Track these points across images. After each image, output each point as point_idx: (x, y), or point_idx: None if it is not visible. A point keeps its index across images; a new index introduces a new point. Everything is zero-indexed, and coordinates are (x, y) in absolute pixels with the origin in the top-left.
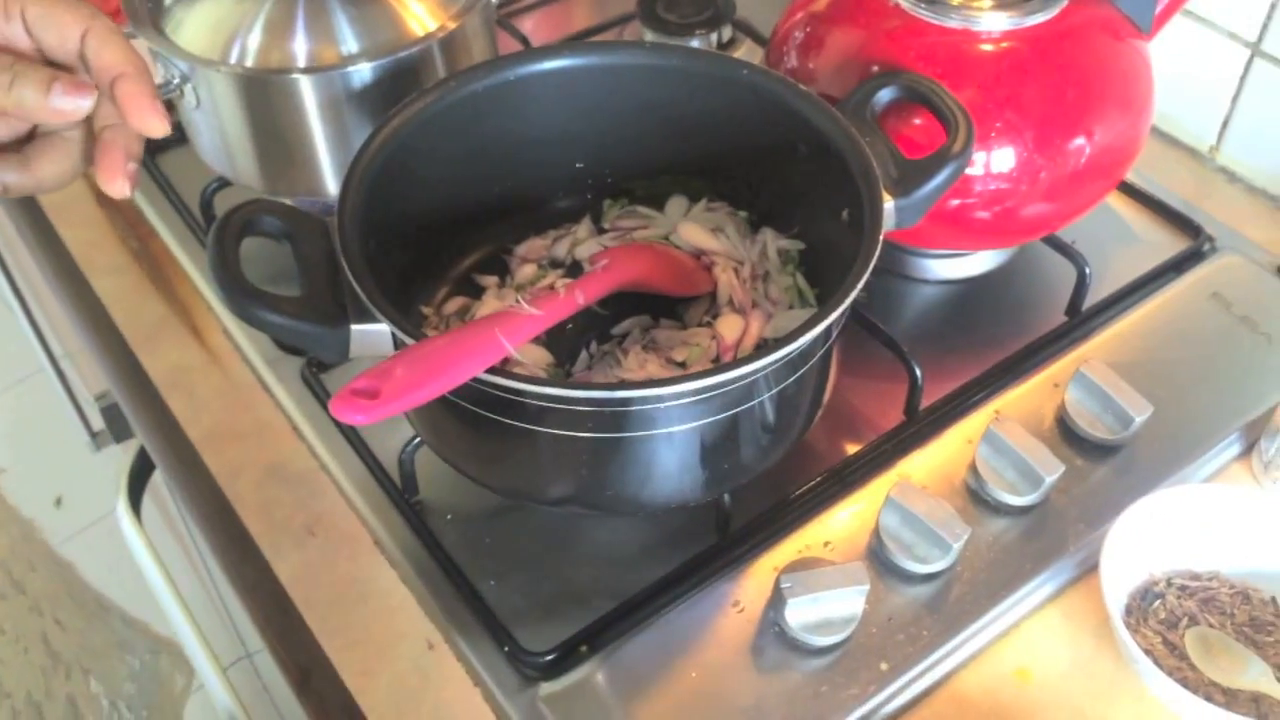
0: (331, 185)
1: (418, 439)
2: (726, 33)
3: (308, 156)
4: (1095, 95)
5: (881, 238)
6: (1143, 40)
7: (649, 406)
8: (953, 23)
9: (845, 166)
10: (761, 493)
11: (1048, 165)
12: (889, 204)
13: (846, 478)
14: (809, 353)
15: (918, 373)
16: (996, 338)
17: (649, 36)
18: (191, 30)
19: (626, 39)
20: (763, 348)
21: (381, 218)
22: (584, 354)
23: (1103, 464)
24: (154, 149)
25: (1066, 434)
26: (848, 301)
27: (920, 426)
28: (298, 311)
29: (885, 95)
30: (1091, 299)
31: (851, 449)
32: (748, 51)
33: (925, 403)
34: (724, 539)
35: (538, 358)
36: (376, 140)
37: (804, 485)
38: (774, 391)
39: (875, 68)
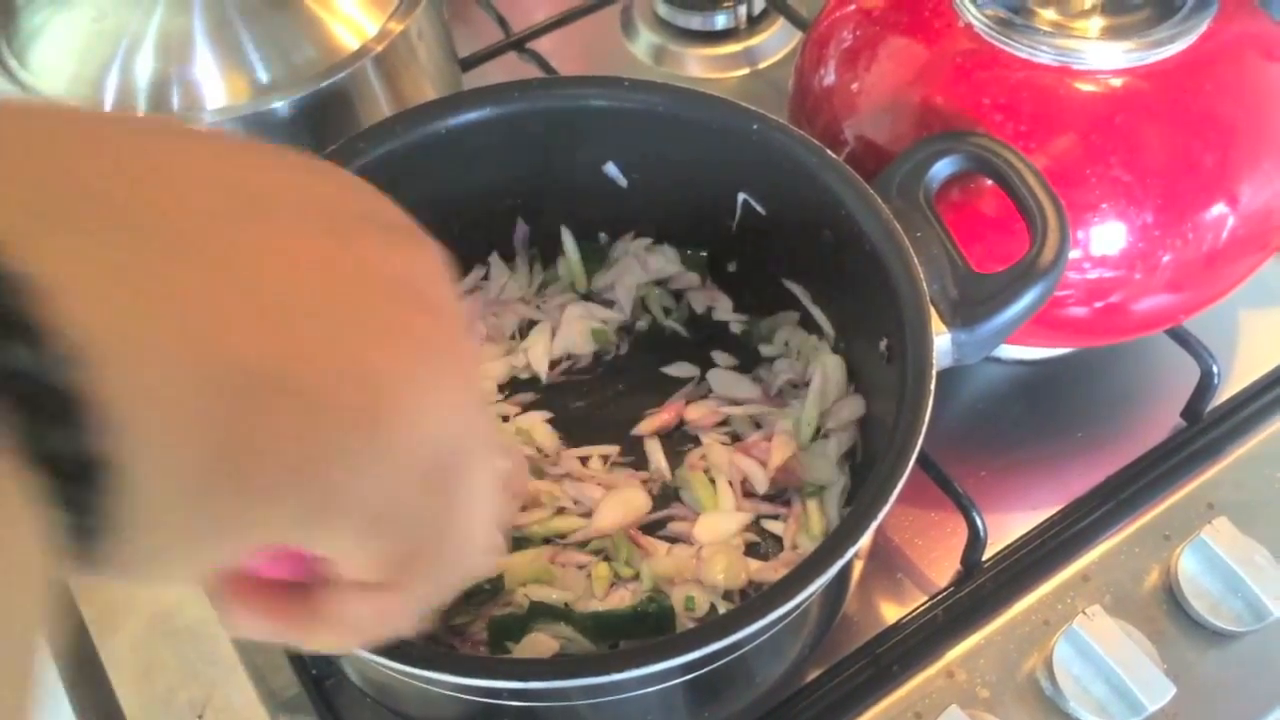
0: None
1: None
2: (758, 5)
3: None
4: (1244, 143)
5: (929, 406)
6: None
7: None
8: (1044, 57)
9: (885, 274)
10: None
11: (1173, 245)
12: (943, 337)
13: (882, 660)
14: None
15: (980, 525)
16: (1086, 446)
17: (662, 9)
18: (51, 48)
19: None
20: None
21: None
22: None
23: (1218, 651)
24: None
25: (1174, 610)
26: (875, 524)
27: (981, 584)
28: None
29: (945, 166)
30: (1218, 396)
31: (891, 614)
32: (782, 32)
33: (989, 550)
34: None
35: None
36: None
37: (828, 669)
38: (773, 631)
39: (938, 102)
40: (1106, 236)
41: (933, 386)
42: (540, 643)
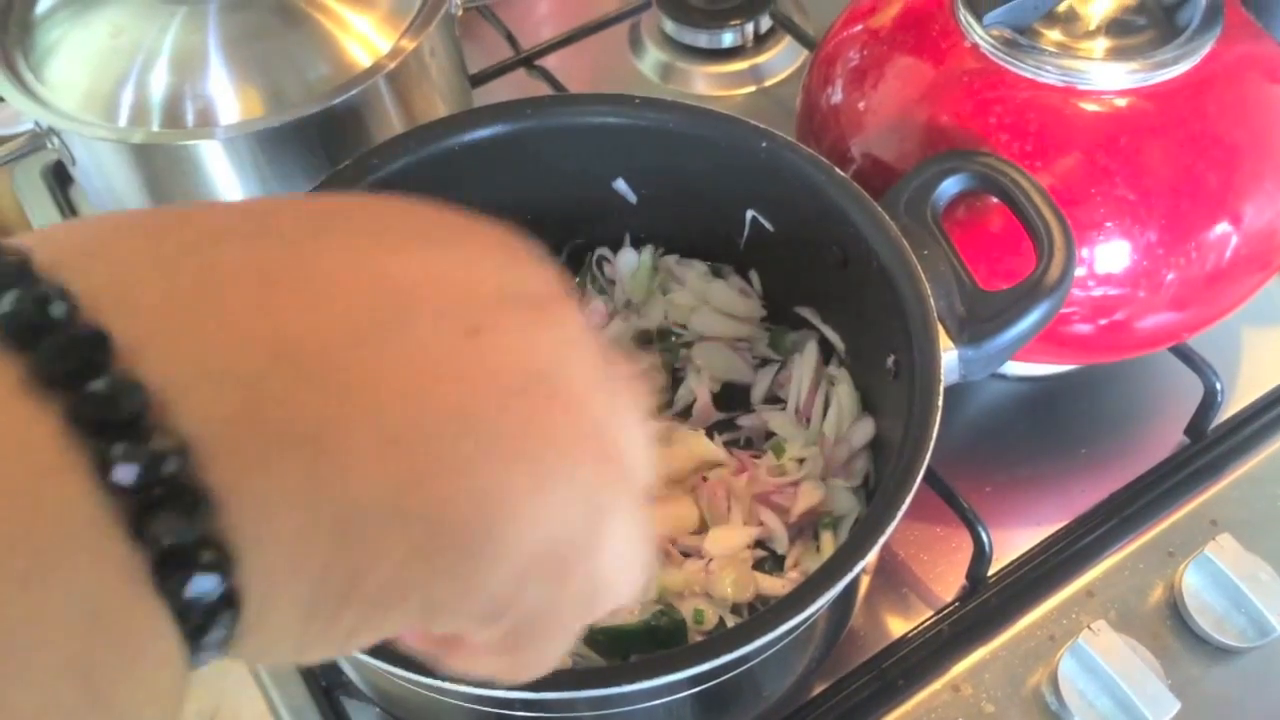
0: None
1: None
2: (765, 23)
3: None
4: (1247, 163)
5: (937, 422)
6: None
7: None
8: (1049, 77)
9: (892, 291)
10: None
11: (1177, 263)
12: (950, 353)
13: (888, 674)
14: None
15: (985, 540)
16: (1090, 463)
17: (669, 27)
18: (66, 63)
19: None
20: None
21: None
22: None
23: (1222, 667)
24: (63, 177)
25: (1178, 626)
26: (882, 539)
27: (986, 599)
28: None
29: (952, 185)
30: (1222, 413)
31: (897, 628)
32: (788, 50)
33: (995, 565)
34: None
35: None
36: None
37: (834, 683)
38: (780, 645)
39: (945, 121)
40: (1111, 255)
41: (940, 403)
42: None
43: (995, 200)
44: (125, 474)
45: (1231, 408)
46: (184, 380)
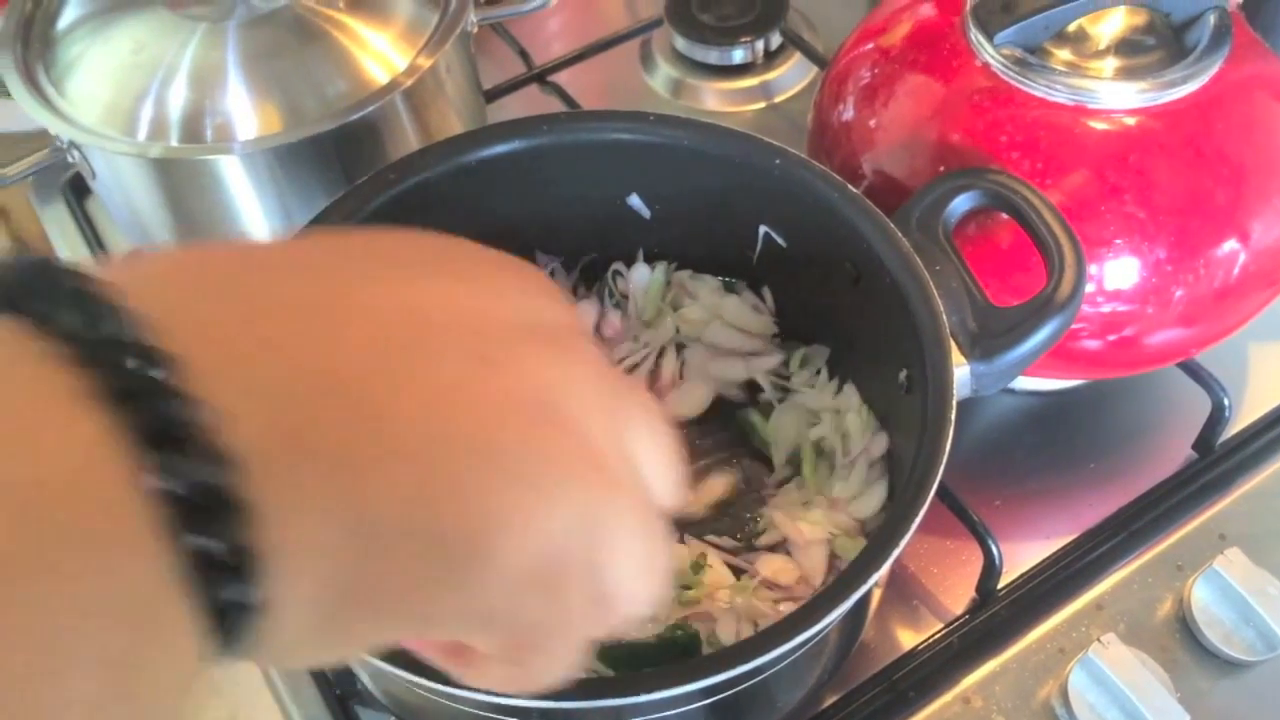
0: None
1: None
2: (775, 40)
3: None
4: (1255, 181)
5: (950, 437)
6: None
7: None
8: (1059, 96)
9: (905, 306)
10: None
11: (1185, 280)
12: (962, 369)
13: (899, 686)
14: None
15: (995, 553)
16: (1098, 477)
17: (680, 44)
18: (87, 77)
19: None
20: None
21: None
22: None
23: (1231, 680)
24: (80, 190)
25: (1187, 639)
26: (896, 553)
27: (996, 612)
28: None
29: (963, 202)
30: (1229, 428)
31: (908, 640)
32: (798, 67)
33: (1004, 578)
34: None
35: None
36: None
37: (845, 695)
38: (793, 657)
39: (955, 139)
40: (1120, 271)
41: (953, 417)
42: None
43: (1006, 217)
44: (174, 484)
45: (1239, 423)
46: (233, 400)
